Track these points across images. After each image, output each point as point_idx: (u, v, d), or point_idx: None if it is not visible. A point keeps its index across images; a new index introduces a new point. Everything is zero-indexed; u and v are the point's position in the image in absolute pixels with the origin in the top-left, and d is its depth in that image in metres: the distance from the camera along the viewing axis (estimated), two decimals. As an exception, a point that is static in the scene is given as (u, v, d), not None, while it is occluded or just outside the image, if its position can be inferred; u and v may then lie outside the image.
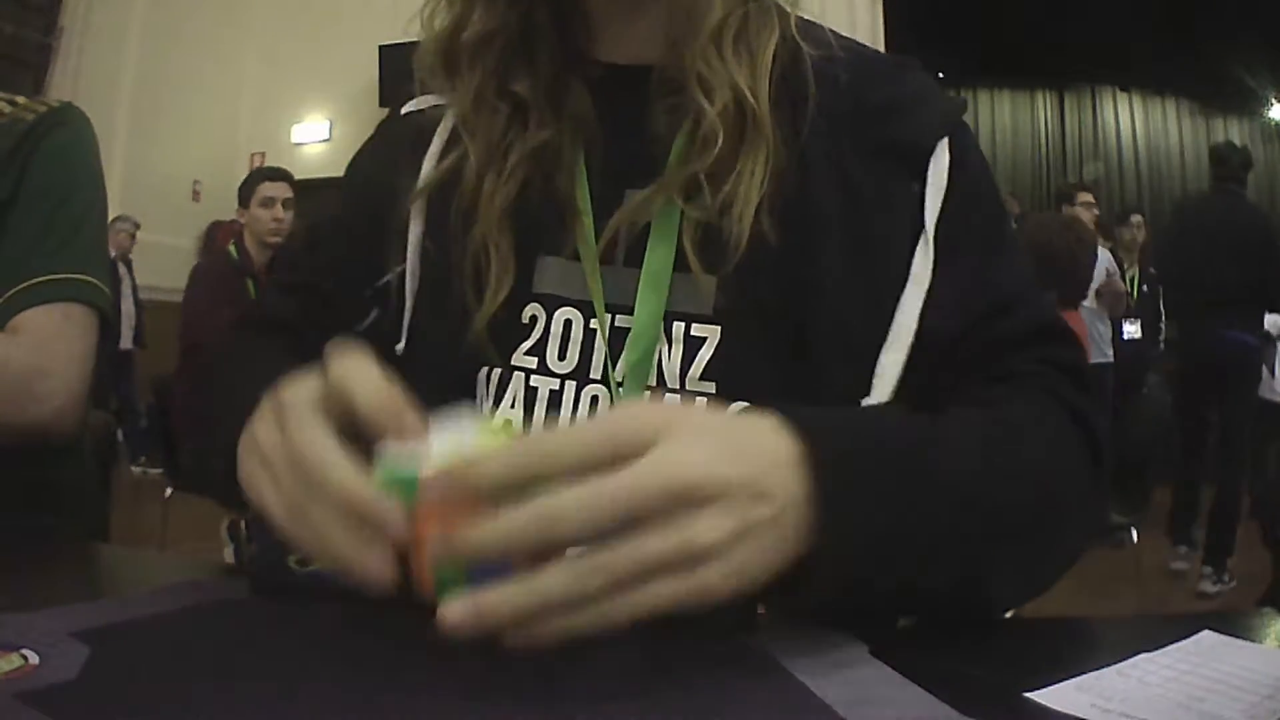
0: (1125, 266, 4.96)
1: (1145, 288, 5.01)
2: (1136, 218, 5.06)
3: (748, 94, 0.59)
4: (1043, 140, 10.21)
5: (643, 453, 0.38)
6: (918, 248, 0.60)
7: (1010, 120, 10.22)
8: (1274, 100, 9.32)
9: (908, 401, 0.58)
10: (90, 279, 0.94)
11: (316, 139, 7.02)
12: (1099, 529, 0.60)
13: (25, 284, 0.91)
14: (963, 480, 0.47)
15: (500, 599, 0.38)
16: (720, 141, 0.58)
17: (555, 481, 0.38)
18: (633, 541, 0.37)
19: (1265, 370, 3.91)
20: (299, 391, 0.45)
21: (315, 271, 0.71)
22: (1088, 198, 4.55)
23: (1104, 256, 4.36)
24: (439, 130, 0.67)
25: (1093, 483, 0.56)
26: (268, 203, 3.16)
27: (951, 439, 0.50)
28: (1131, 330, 4.69)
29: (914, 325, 0.58)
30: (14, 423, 0.87)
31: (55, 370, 0.90)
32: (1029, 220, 4.01)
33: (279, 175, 3.30)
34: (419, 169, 0.66)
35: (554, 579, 0.38)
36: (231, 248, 3.24)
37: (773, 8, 0.64)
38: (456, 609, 0.38)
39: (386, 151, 0.70)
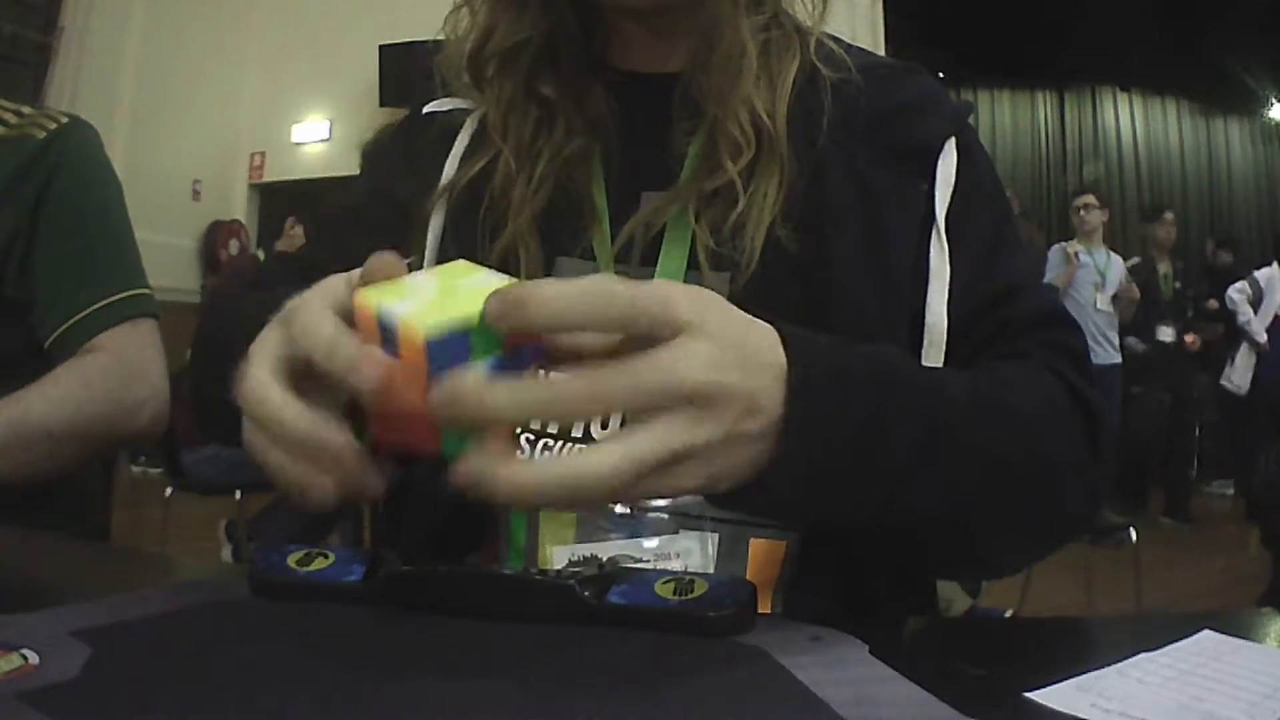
0: (1158, 263, 4.73)
1: (1179, 284, 4.80)
2: (1169, 214, 4.88)
3: (764, 116, 0.61)
4: (1043, 140, 10.20)
5: (667, 337, 0.39)
6: (932, 243, 0.62)
7: (1010, 120, 10.21)
8: (1274, 100, 9.32)
9: None
10: (141, 291, 1.02)
11: (316, 139, 7.02)
12: (1097, 507, 0.61)
13: (88, 311, 0.98)
14: (944, 417, 0.48)
15: (510, 477, 0.38)
16: (735, 162, 0.60)
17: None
18: (629, 440, 0.39)
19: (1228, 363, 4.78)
20: (263, 339, 0.45)
21: (323, 253, 0.71)
22: (1089, 199, 4.52)
23: (1118, 263, 4.40)
24: (462, 133, 0.69)
25: (1089, 460, 0.58)
26: None
27: (941, 377, 0.52)
28: (1167, 333, 4.51)
29: (944, 324, 0.61)
30: (115, 434, 0.96)
31: (140, 379, 0.98)
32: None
33: None
34: (440, 167, 0.68)
35: (547, 472, 0.39)
36: (259, 253, 3.20)
37: (795, 35, 0.65)
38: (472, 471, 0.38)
39: (408, 147, 0.72)
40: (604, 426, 0.58)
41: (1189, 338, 4.76)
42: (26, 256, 0.98)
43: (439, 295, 0.40)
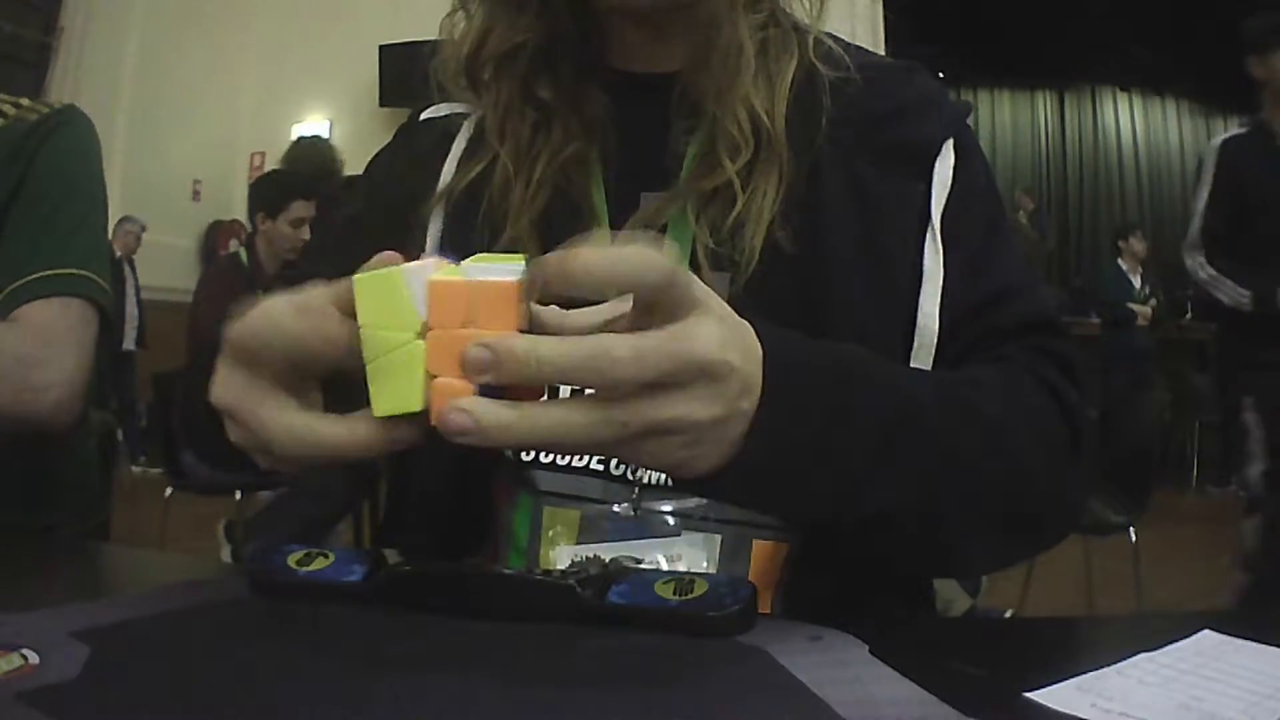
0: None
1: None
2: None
3: (763, 115, 0.61)
4: (1043, 140, 10.20)
5: (682, 316, 0.40)
6: (926, 244, 0.62)
7: (1010, 120, 10.21)
8: (1274, 100, 9.31)
9: None
10: (90, 275, 0.95)
11: (316, 139, 7.02)
12: (1074, 512, 0.60)
13: (25, 279, 0.91)
14: (906, 415, 0.48)
15: (517, 420, 0.38)
16: (734, 161, 0.60)
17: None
18: (645, 403, 0.39)
19: None
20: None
21: (326, 266, 0.71)
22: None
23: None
24: (459, 137, 0.68)
25: (1067, 464, 0.57)
26: (298, 223, 3.03)
27: (907, 377, 0.52)
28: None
29: (936, 326, 0.61)
30: (11, 411, 0.87)
31: (53, 361, 0.90)
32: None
33: (311, 193, 3.12)
34: (438, 172, 0.67)
35: (572, 419, 0.39)
36: (242, 253, 3.16)
37: (793, 33, 0.65)
38: (465, 415, 0.38)
39: (406, 154, 0.72)
40: None
41: None
42: (2, 228, 0.95)
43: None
